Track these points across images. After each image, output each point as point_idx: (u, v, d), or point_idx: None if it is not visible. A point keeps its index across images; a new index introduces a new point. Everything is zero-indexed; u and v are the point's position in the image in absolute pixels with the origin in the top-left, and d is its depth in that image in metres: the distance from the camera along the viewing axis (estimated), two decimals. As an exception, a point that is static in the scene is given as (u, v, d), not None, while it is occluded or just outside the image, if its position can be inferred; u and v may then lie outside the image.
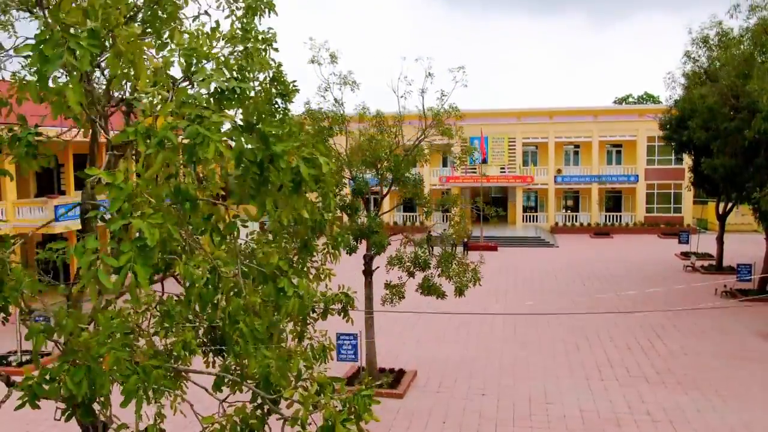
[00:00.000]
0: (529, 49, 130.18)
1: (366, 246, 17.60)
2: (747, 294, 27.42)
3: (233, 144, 3.43)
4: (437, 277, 17.54)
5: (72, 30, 3.02)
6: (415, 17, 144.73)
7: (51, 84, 3.33)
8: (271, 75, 6.38)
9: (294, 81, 6.73)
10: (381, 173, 17.67)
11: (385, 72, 37.48)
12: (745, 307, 25.19)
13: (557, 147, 52.60)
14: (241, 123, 3.44)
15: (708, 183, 32.11)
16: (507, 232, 48.34)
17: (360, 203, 17.83)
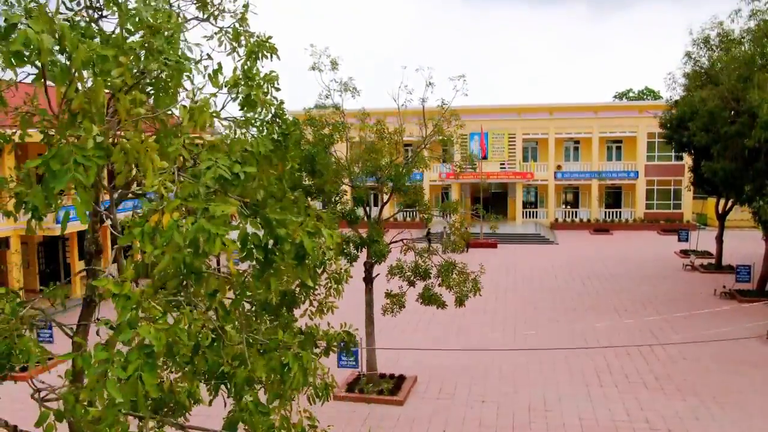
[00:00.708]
0: (530, 41, 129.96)
1: (366, 254, 17.66)
2: (746, 295, 27.50)
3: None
4: (437, 287, 17.60)
5: (77, 140, 3.06)
6: (417, 8, 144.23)
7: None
8: (273, 112, 6.39)
9: (295, 121, 6.75)
10: (381, 182, 17.71)
11: (385, 68, 37.37)
12: (745, 309, 25.29)
13: (557, 143, 52.55)
14: (245, 209, 3.49)
15: (708, 184, 32.11)
16: (507, 228, 48.24)
17: (360, 211, 17.88)
